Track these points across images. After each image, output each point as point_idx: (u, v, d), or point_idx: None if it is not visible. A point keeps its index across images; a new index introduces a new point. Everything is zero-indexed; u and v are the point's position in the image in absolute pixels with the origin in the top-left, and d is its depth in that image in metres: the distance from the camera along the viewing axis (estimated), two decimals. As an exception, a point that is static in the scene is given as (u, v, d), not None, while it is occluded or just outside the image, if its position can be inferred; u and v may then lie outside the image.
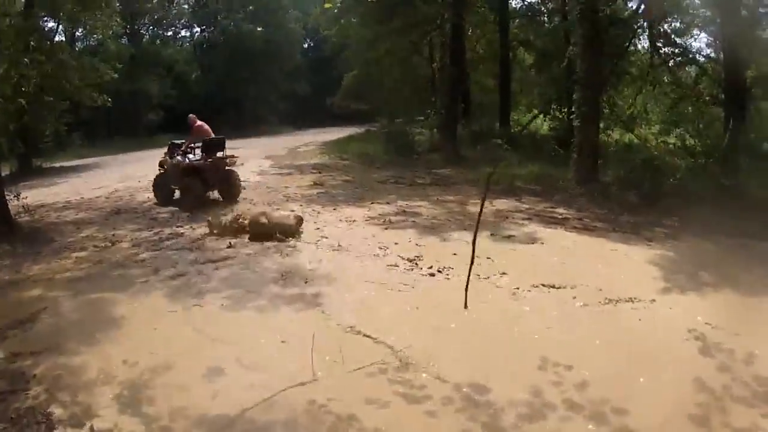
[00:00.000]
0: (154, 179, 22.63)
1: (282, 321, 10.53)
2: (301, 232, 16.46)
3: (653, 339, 9.80)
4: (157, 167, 22.69)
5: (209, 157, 21.26)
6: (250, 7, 64.43)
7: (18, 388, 8.51)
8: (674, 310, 11.07)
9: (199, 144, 21.73)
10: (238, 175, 22.11)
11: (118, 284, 13.00)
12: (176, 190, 21.86)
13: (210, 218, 17.44)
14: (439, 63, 41.49)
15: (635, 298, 11.37)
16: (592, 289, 11.87)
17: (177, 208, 20.73)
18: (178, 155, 21.86)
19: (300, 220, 16.89)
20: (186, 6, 69.25)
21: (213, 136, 21.98)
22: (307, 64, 74.75)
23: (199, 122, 22.49)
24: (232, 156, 21.93)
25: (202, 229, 17.48)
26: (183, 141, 22.65)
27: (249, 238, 16.01)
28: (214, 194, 21.96)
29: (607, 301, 11.29)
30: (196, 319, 10.82)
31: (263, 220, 16.31)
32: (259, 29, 68.79)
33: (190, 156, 21.84)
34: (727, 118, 25.18)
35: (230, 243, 15.60)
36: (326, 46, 63.86)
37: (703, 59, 33.41)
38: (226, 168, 21.63)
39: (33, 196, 22.74)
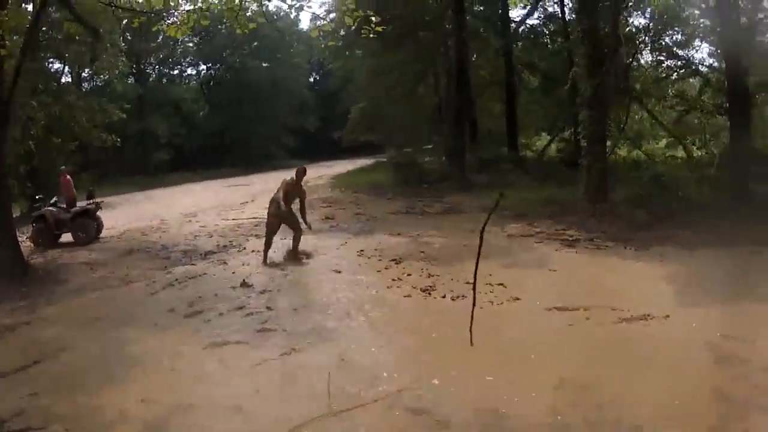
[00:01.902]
0: (35, 231, 24.34)
1: (299, 356, 10.50)
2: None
3: (668, 354, 9.75)
4: (33, 224, 24.68)
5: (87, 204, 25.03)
6: (255, 44, 64.69)
7: (37, 428, 8.53)
8: (689, 324, 11.03)
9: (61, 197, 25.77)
10: (101, 218, 25.39)
11: (134, 323, 13.12)
12: (60, 235, 24.26)
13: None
14: (444, 91, 41.66)
15: (649, 315, 11.32)
16: (606, 309, 11.84)
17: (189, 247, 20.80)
18: (50, 207, 24.60)
19: None
20: (191, 44, 69.50)
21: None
22: (314, 99, 75.08)
23: (68, 176, 26.98)
24: (102, 201, 25.79)
25: (214, 267, 17.63)
26: (42, 196, 27.77)
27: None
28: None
29: (620, 320, 11.25)
30: (213, 356, 10.83)
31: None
32: (264, 65, 69.07)
33: (62, 206, 24.81)
34: (733, 126, 25.24)
35: (244, 281, 15.59)
36: (332, 80, 64.11)
37: (706, 69, 33.49)
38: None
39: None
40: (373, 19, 16.51)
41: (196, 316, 13.27)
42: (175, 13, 20.15)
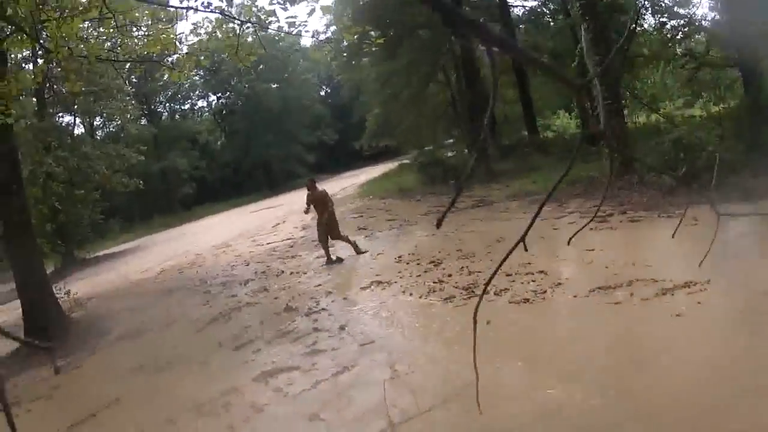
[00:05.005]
0: None
1: (351, 374, 10.48)
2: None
3: (717, 322, 9.64)
4: None
5: None
6: (261, 67, 64.83)
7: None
8: (730, 285, 10.84)
9: None
10: None
11: (183, 364, 13.26)
12: None
13: None
14: (456, 85, 41.67)
15: (691, 283, 11.06)
16: (648, 281, 11.68)
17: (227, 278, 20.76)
18: None
19: None
20: (198, 77, 69.63)
21: None
22: (328, 112, 75.19)
23: None
24: None
25: (256, 295, 17.70)
26: None
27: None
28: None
29: (664, 291, 11.05)
30: (267, 386, 10.84)
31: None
32: (274, 86, 69.26)
33: None
34: (745, 78, 25.14)
35: (288, 305, 15.63)
36: (343, 91, 64.27)
37: (709, 24, 33.33)
38: None
39: (81, 288, 23.25)
40: (372, 33, 16.47)
41: (245, 347, 13.32)
42: (174, 56, 20.29)
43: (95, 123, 57.92)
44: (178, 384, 12.09)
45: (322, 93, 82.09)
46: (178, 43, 19.21)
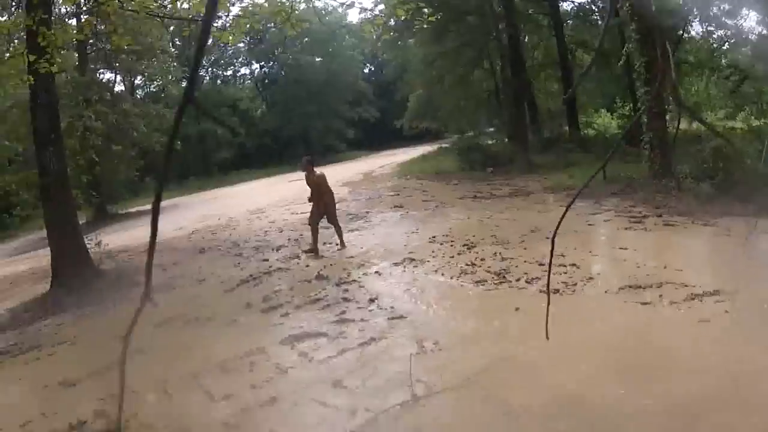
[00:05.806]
0: None
1: (378, 345, 10.58)
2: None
3: (736, 329, 9.67)
4: None
5: None
6: (306, 39, 64.65)
7: (118, 429, 8.62)
8: (759, 295, 10.85)
9: None
10: None
11: (211, 321, 13.35)
12: None
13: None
14: (501, 74, 41.63)
15: (720, 290, 11.11)
16: (678, 285, 11.68)
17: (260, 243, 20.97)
18: None
19: None
20: (242, 44, 69.54)
21: None
22: (371, 89, 74.74)
23: None
24: None
25: (287, 261, 18.02)
26: None
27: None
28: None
29: (692, 296, 11.06)
30: (293, 349, 10.93)
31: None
32: (317, 59, 69.11)
33: None
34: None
35: (319, 273, 15.74)
36: (387, 70, 64.12)
37: (756, 37, 33.19)
38: None
39: (113, 241, 23.11)
40: (426, 10, 16.44)
41: (273, 310, 13.40)
42: (224, 18, 20.32)
43: (136, 82, 58.18)
44: (203, 340, 12.21)
45: (366, 70, 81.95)
46: (229, 6, 19.28)
